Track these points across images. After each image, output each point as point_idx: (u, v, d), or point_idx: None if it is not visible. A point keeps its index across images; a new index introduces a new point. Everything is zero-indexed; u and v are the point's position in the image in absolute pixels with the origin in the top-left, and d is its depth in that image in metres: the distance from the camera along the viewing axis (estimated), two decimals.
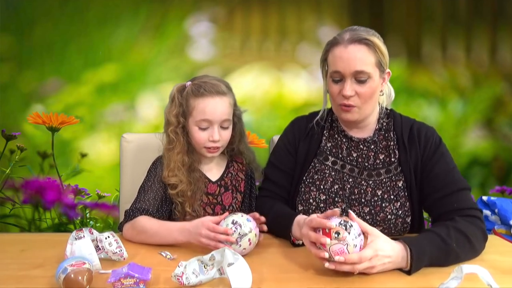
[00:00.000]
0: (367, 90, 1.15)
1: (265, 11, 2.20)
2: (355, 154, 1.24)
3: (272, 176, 1.31)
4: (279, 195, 1.29)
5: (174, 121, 1.24)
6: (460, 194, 1.14)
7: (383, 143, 1.23)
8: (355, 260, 0.91)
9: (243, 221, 1.06)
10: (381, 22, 2.23)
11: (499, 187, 2.28)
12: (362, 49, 1.13)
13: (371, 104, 1.19)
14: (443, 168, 1.17)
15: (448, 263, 1.01)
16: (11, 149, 2.15)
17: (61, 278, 0.86)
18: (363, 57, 1.13)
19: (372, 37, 1.15)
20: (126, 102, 2.19)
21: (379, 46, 1.15)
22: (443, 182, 1.15)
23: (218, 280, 0.91)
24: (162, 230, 1.14)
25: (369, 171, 1.22)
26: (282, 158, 1.30)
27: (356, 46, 1.13)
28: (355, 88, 1.14)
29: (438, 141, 1.20)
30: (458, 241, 1.02)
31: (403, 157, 1.20)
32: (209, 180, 1.30)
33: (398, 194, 1.18)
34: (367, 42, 1.13)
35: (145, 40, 2.18)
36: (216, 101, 1.22)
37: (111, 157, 2.17)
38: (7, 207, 2.16)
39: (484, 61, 2.25)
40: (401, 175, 1.20)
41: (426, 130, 1.22)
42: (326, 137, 1.28)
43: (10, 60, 2.16)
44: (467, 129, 2.27)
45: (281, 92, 2.18)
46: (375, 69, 1.15)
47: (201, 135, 1.24)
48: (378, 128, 1.24)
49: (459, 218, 1.08)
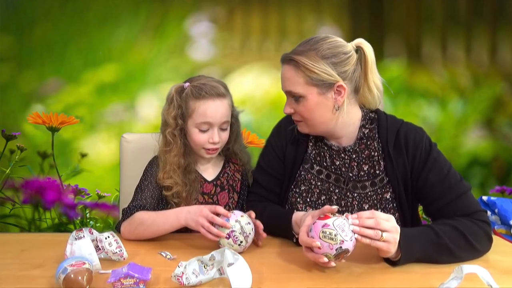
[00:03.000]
0: (302, 108, 1.13)
1: (265, 11, 2.20)
2: (338, 163, 1.19)
3: (261, 180, 1.29)
4: (268, 200, 1.27)
5: (172, 122, 1.24)
6: (460, 201, 1.10)
7: (366, 152, 1.18)
8: (368, 214, 0.93)
9: (245, 220, 1.08)
10: (381, 22, 2.23)
11: (499, 187, 2.27)
12: (290, 69, 1.12)
13: (318, 120, 1.14)
14: (438, 176, 1.12)
15: (443, 259, 1.01)
16: (11, 149, 2.15)
17: (61, 278, 0.86)
18: (291, 77, 1.12)
19: (304, 54, 1.10)
20: (126, 102, 2.19)
21: (305, 65, 1.09)
22: (441, 191, 1.11)
23: (218, 280, 0.91)
24: (160, 218, 1.16)
25: (354, 183, 1.18)
26: (271, 162, 1.28)
27: (285, 66, 1.14)
28: (293, 106, 1.15)
29: (428, 145, 1.14)
30: (452, 238, 1.01)
31: (389, 167, 1.15)
32: (205, 180, 1.30)
33: (386, 206, 1.15)
34: (293, 63, 1.11)
35: (145, 40, 2.18)
36: (217, 103, 1.22)
37: (111, 157, 2.17)
38: (7, 207, 2.15)
39: (484, 61, 2.25)
40: (388, 187, 1.16)
41: (414, 134, 1.15)
42: (312, 144, 1.24)
43: (10, 60, 2.16)
44: (467, 129, 2.27)
45: (281, 92, 2.16)
46: (307, 88, 1.11)
47: (201, 137, 1.24)
48: (359, 137, 1.18)
49: (462, 218, 1.06)
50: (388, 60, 2.16)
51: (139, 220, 1.16)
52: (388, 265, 1.01)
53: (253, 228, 1.09)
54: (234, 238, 1.05)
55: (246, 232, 1.07)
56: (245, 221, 1.08)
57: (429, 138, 1.16)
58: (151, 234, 1.16)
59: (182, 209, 1.16)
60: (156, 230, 1.16)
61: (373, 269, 0.99)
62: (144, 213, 1.18)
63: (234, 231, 1.06)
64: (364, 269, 0.99)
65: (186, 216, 1.12)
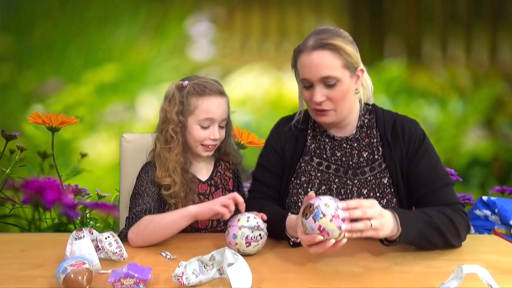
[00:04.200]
0: (337, 93, 1.13)
1: (265, 11, 2.20)
2: (339, 154, 1.24)
3: (261, 177, 1.30)
4: (269, 196, 1.28)
5: (175, 119, 1.24)
6: (444, 190, 1.15)
7: (366, 140, 1.23)
8: (355, 204, 0.94)
9: (259, 222, 1.09)
10: (381, 22, 2.23)
11: (499, 187, 2.28)
12: (326, 54, 1.11)
13: (347, 105, 1.17)
14: (427, 165, 1.17)
15: (434, 239, 1.06)
16: (11, 149, 2.15)
17: (61, 278, 0.86)
18: (327, 62, 1.11)
19: (336, 39, 1.12)
20: (126, 102, 2.19)
21: (343, 48, 1.12)
22: (427, 179, 1.16)
23: (218, 280, 0.91)
24: (169, 214, 1.16)
25: (354, 170, 1.22)
26: (270, 159, 1.30)
27: (319, 52, 1.12)
28: (325, 93, 1.13)
29: (422, 136, 1.20)
30: (441, 220, 1.06)
31: (387, 153, 1.19)
32: (199, 180, 1.31)
33: (384, 191, 1.19)
34: (330, 46, 1.11)
35: (145, 40, 2.18)
36: (219, 100, 1.25)
37: (111, 157, 2.17)
38: (7, 207, 2.16)
39: (484, 61, 2.25)
40: (386, 172, 1.20)
41: (409, 124, 1.21)
42: (311, 137, 1.28)
43: (10, 60, 2.16)
44: (467, 129, 2.27)
45: (281, 92, 2.18)
46: (343, 71, 1.13)
47: (202, 133, 1.25)
48: (359, 125, 1.23)
49: (445, 207, 1.12)
50: (388, 60, 2.16)
51: (148, 220, 1.15)
52: (388, 265, 1.01)
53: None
54: (252, 239, 1.06)
55: (258, 233, 1.07)
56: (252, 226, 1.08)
57: (423, 130, 1.22)
58: (161, 230, 1.13)
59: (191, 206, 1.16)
60: (165, 224, 1.13)
61: (373, 269, 0.99)
62: (152, 215, 1.17)
63: (248, 236, 1.05)
64: (364, 269, 0.99)
65: (199, 205, 1.13)
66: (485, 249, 1.13)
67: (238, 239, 1.05)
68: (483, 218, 2.05)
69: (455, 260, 1.03)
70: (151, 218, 1.16)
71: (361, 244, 1.11)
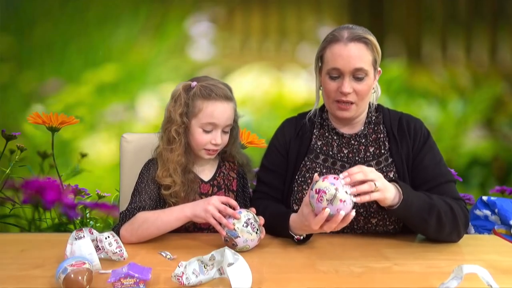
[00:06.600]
0: (364, 87, 1.18)
1: (265, 11, 2.20)
2: (346, 151, 1.26)
3: (265, 178, 1.32)
4: (273, 197, 1.30)
5: (178, 120, 1.23)
6: (447, 186, 1.19)
7: (373, 136, 1.26)
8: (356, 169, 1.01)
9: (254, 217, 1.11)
10: (381, 22, 2.23)
11: (499, 187, 2.27)
12: (361, 47, 1.17)
13: (366, 101, 1.23)
14: (431, 161, 1.21)
15: (432, 221, 1.08)
16: (11, 149, 2.15)
17: (61, 278, 0.86)
18: (362, 55, 1.17)
19: (369, 36, 1.19)
20: (126, 102, 2.19)
21: (375, 45, 1.19)
22: (431, 174, 1.20)
23: (218, 280, 0.91)
24: (164, 213, 1.16)
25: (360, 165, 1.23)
26: (274, 160, 1.32)
27: (356, 44, 1.17)
28: (353, 86, 1.18)
29: (426, 133, 1.25)
30: (442, 205, 1.10)
31: (394, 148, 1.23)
32: (202, 180, 1.30)
33: None
34: (366, 40, 1.17)
35: (145, 40, 2.18)
36: (225, 106, 1.23)
37: (111, 157, 2.17)
38: (7, 207, 2.15)
39: (484, 61, 2.25)
40: (392, 166, 1.23)
41: (414, 122, 1.26)
42: (316, 136, 1.30)
43: (10, 60, 2.16)
44: (467, 129, 2.27)
45: (281, 92, 2.18)
46: (371, 67, 1.19)
47: (204, 137, 1.24)
48: (367, 121, 1.27)
49: (448, 198, 1.15)
50: (388, 60, 2.16)
51: (142, 219, 1.15)
52: (388, 265, 1.01)
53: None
54: (251, 225, 1.07)
55: (258, 222, 1.10)
56: (253, 214, 1.11)
57: (427, 128, 1.27)
58: (155, 230, 1.15)
59: (187, 204, 1.16)
60: (160, 225, 1.14)
61: (373, 269, 0.99)
62: (146, 212, 1.18)
63: (249, 219, 1.08)
64: (364, 269, 0.99)
65: (193, 207, 1.13)
66: (485, 249, 1.14)
67: (232, 233, 1.07)
68: (483, 218, 2.05)
69: (455, 260, 1.03)
70: (145, 217, 1.16)
71: (361, 244, 1.11)
